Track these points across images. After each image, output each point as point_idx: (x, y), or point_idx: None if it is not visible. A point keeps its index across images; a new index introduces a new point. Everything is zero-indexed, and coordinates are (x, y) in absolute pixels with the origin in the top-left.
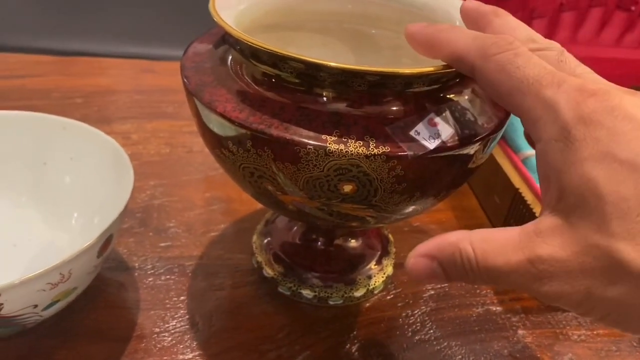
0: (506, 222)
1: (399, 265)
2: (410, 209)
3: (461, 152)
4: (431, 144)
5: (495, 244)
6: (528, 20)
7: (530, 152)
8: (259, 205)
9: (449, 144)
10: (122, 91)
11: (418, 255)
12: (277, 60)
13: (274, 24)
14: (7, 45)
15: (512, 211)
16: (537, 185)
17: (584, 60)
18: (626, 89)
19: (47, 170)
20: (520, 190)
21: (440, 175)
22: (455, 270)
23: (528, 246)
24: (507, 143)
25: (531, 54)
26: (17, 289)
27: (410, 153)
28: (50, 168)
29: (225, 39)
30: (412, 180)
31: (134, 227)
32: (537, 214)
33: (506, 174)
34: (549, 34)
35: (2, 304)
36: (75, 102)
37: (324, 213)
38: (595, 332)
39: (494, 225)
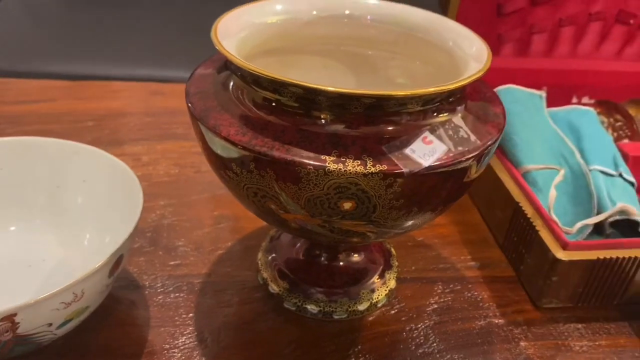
0: (508, 236)
1: (402, 280)
2: (409, 223)
3: (456, 168)
4: (426, 161)
5: None
6: (528, 35)
7: (529, 166)
8: (265, 223)
9: (443, 161)
10: (133, 113)
11: None
12: (278, 86)
13: (275, 48)
14: (18, 71)
15: (513, 225)
16: (537, 199)
17: (585, 73)
18: None
19: (60, 193)
20: (521, 204)
21: (437, 191)
22: None
23: None
24: (507, 158)
25: None
26: (33, 309)
27: (406, 170)
28: (63, 191)
29: (227, 66)
30: (409, 196)
31: (144, 247)
32: (537, 228)
33: (507, 188)
34: (549, 49)
35: (18, 323)
36: (87, 125)
37: (325, 230)
38: (597, 343)
39: (496, 239)
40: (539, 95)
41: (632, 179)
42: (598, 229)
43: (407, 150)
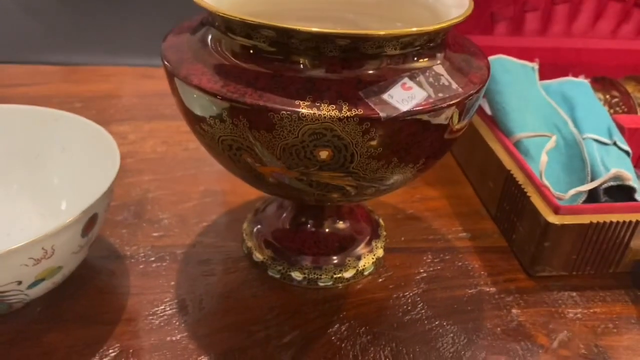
0: (500, 206)
1: (391, 250)
2: (391, 178)
3: (436, 117)
4: (404, 106)
5: None
6: (520, 13)
7: (520, 134)
8: (253, 197)
9: (422, 107)
10: (121, 96)
11: None
12: (249, 29)
13: (253, 12)
14: (12, 60)
15: (504, 194)
16: (528, 166)
17: (580, 51)
18: None
19: (39, 162)
20: (512, 172)
21: (417, 140)
22: None
23: None
24: (499, 127)
25: None
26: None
27: (383, 115)
28: (42, 159)
29: (203, 21)
30: (388, 145)
31: (127, 219)
32: (528, 194)
33: (498, 158)
34: (543, 27)
35: None
36: (74, 106)
37: (303, 184)
38: (592, 311)
39: (488, 210)
40: (532, 67)
41: (627, 148)
42: (592, 197)
43: (385, 96)
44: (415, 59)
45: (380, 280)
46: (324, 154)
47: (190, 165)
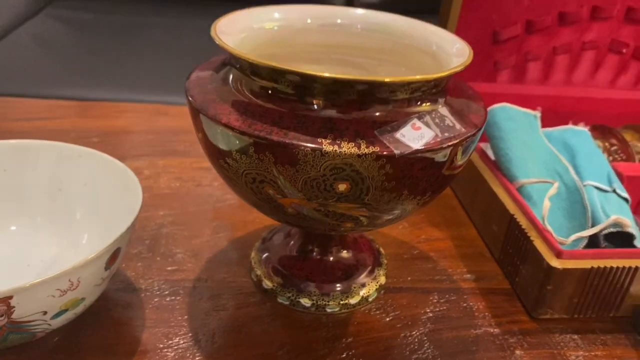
0: (503, 248)
1: (397, 289)
2: (399, 208)
3: (443, 153)
4: (416, 145)
5: None
6: (523, 62)
7: (523, 180)
8: (264, 233)
9: (431, 145)
10: (137, 132)
11: None
12: (276, 74)
13: (268, 54)
14: (29, 94)
15: (508, 237)
16: (531, 211)
17: (580, 100)
18: None
19: (61, 195)
20: (515, 216)
21: (425, 174)
22: None
23: None
24: (502, 173)
25: None
26: (29, 292)
27: (397, 152)
28: (64, 194)
29: (226, 61)
30: (399, 179)
31: (142, 253)
32: (531, 238)
33: (502, 202)
34: (545, 76)
35: (13, 307)
36: (91, 140)
37: (320, 214)
38: (593, 354)
39: (492, 253)
40: (534, 115)
41: (626, 195)
42: (593, 243)
43: (398, 135)
44: (419, 102)
45: (388, 319)
46: (342, 187)
47: (202, 200)
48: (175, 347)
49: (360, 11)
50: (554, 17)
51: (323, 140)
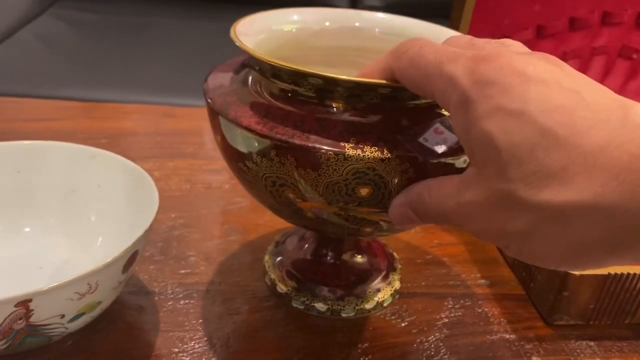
0: None
1: (412, 294)
2: None
3: (464, 158)
4: (439, 149)
5: (443, 191)
6: None
7: None
8: (276, 236)
9: (454, 150)
10: (145, 133)
11: (395, 206)
12: (298, 77)
13: (284, 57)
14: (35, 95)
15: None
16: None
17: None
18: (522, 49)
19: (75, 197)
20: None
21: None
22: (423, 213)
23: (458, 193)
24: None
25: (435, 43)
26: (48, 296)
27: (421, 157)
28: (78, 195)
29: (245, 63)
30: None
31: (154, 256)
32: None
33: None
34: None
35: (32, 310)
36: (100, 142)
37: (340, 218)
38: None
39: (505, 259)
40: None
41: None
42: None
43: (421, 139)
44: (439, 109)
45: (404, 324)
46: (364, 191)
47: (213, 203)
48: (191, 352)
49: (379, 15)
50: (564, 23)
51: (346, 144)
